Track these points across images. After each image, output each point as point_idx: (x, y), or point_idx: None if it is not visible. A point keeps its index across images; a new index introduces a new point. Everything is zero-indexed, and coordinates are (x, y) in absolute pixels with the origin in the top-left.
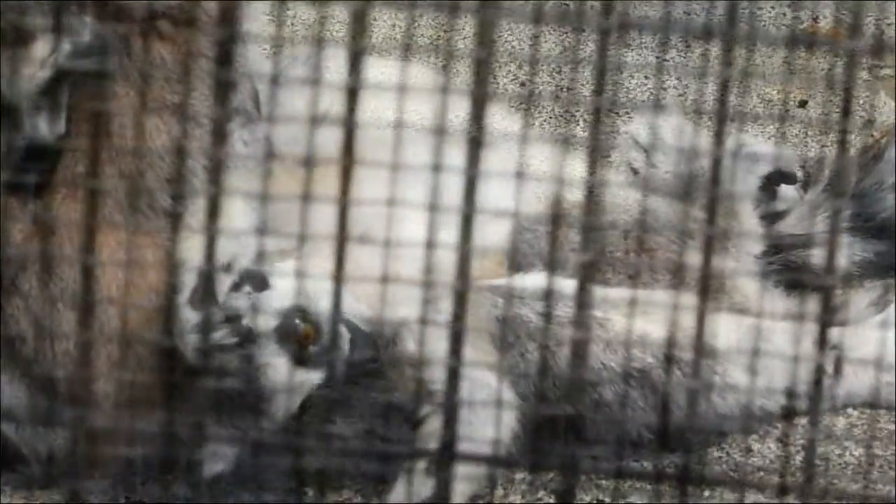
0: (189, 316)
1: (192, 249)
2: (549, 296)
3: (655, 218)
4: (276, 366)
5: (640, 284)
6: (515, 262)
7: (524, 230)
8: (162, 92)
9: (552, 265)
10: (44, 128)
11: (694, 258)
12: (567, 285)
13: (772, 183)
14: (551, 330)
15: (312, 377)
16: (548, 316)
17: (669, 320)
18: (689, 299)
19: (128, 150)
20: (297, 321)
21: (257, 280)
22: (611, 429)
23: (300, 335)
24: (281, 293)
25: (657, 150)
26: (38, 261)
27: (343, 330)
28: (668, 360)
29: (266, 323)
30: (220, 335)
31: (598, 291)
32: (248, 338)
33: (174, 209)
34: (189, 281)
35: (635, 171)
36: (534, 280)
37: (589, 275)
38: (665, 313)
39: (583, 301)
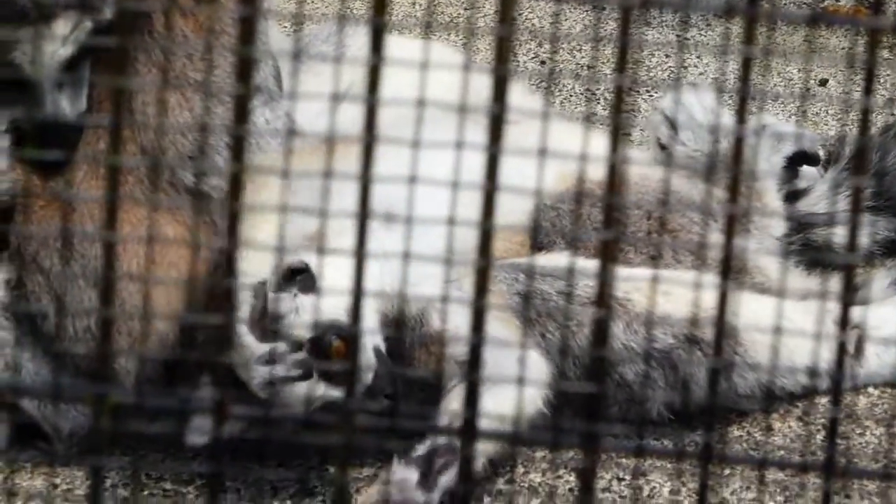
0: (251, 343)
1: (251, 261)
2: (570, 274)
3: (679, 198)
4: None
5: (663, 265)
6: (537, 240)
7: (546, 208)
8: (184, 69)
9: (574, 244)
10: (66, 105)
11: (716, 238)
12: (588, 264)
13: (795, 163)
14: (572, 309)
15: (332, 393)
16: (569, 295)
17: (691, 300)
18: (711, 279)
19: (150, 126)
20: (331, 337)
21: (305, 281)
22: (631, 408)
23: (331, 351)
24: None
25: (685, 129)
26: (59, 238)
27: (371, 356)
28: (690, 340)
29: (301, 334)
30: (285, 369)
31: (620, 271)
32: (309, 373)
33: (196, 186)
34: (247, 298)
35: (662, 147)
36: (555, 259)
37: (610, 253)
38: (686, 293)
39: (604, 280)
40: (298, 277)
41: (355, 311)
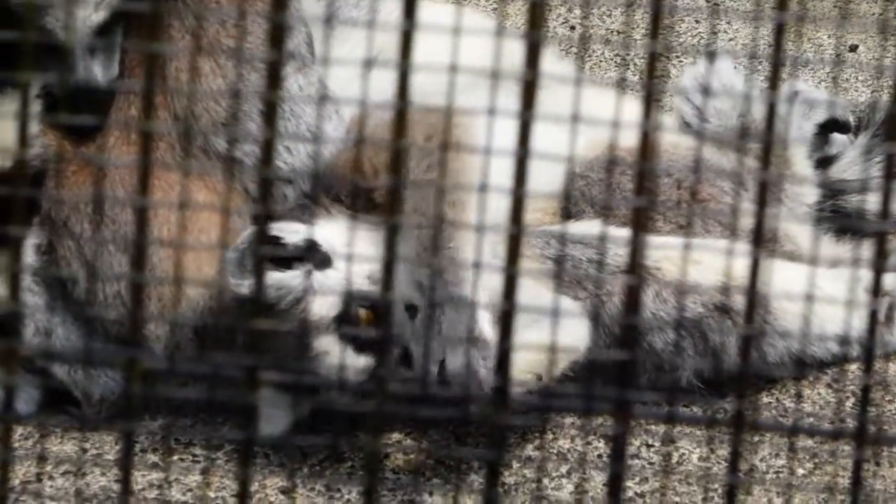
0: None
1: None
2: (601, 242)
3: (709, 166)
4: (333, 352)
5: (693, 234)
6: (567, 208)
7: (577, 176)
8: (217, 35)
9: (604, 212)
10: (98, 70)
11: (746, 207)
12: (619, 233)
13: (826, 130)
14: (602, 278)
15: (366, 361)
16: (599, 263)
17: (721, 269)
18: (742, 247)
19: (182, 92)
20: (358, 307)
21: (320, 258)
22: (661, 376)
23: (359, 320)
24: (339, 275)
25: (708, 107)
26: (90, 203)
27: (400, 315)
28: (720, 308)
29: (328, 309)
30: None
31: (651, 239)
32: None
33: (228, 152)
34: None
35: (687, 125)
36: (586, 227)
37: (642, 221)
38: (717, 262)
39: (635, 247)
40: (312, 256)
41: (385, 279)
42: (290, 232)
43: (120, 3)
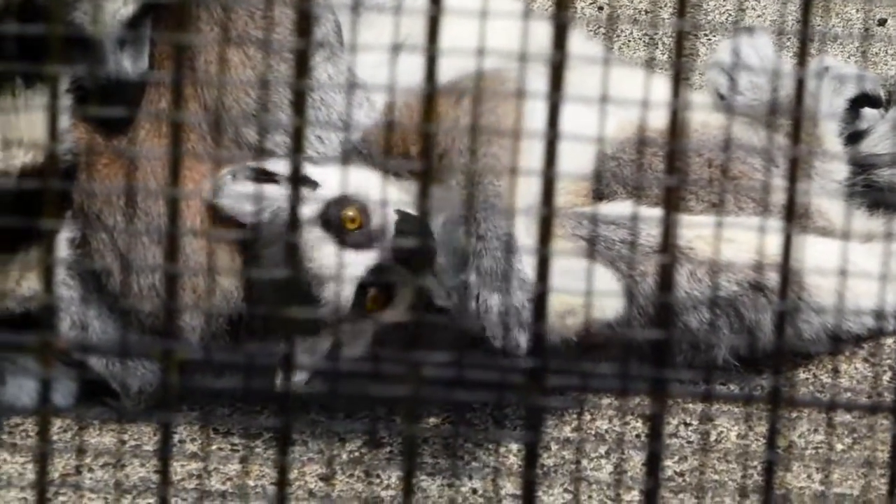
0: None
1: None
2: (633, 222)
3: (739, 145)
4: (324, 251)
5: (725, 213)
6: (599, 189)
7: (608, 157)
8: (246, 26)
9: (636, 192)
10: (127, 63)
11: (778, 184)
12: (651, 213)
13: (857, 105)
14: (636, 258)
15: (360, 260)
16: (632, 244)
17: (754, 246)
18: (775, 223)
19: (212, 83)
20: (339, 207)
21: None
22: (697, 356)
23: (342, 220)
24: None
25: (743, 79)
26: (122, 195)
27: (390, 214)
28: (754, 286)
29: (309, 210)
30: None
31: (683, 218)
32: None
33: (258, 142)
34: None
35: (721, 98)
36: (618, 208)
37: (674, 200)
38: (749, 240)
39: (668, 225)
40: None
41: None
42: (281, 165)
43: None
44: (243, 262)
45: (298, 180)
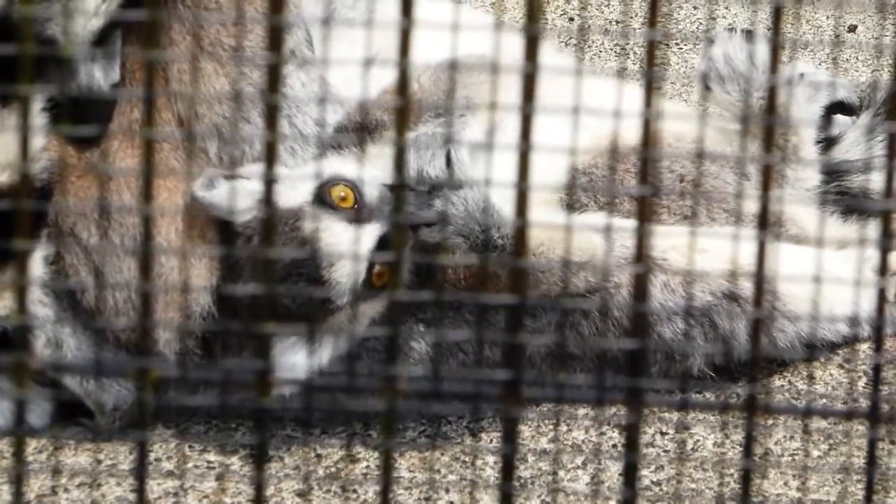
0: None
1: None
2: (607, 231)
3: (712, 157)
4: (333, 230)
5: (698, 222)
6: (571, 201)
7: (579, 172)
8: (218, 35)
9: (609, 202)
10: (99, 76)
11: (750, 193)
12: (623, 223)
13: (831, 113)
14: (609, 270)
15: (368, 231)
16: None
17: (728, 256)
18: (748, 232)
19: (184, 95)
20: (329, 187)
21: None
22: (672, 366)
23: (333, 198)
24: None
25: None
26: (96, 209)
27: (380, 188)
28: (728, 296)
29: (301, 195)
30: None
31: (657, 229)
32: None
33: (230, 154)
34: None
35: (707, 88)
36: (591, 219)
37: (647, 209)
38: (722, 250)
39: (641, 235)
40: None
41: None
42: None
43: (117, 11)
44: (220, 275)
45: (272, 183)
